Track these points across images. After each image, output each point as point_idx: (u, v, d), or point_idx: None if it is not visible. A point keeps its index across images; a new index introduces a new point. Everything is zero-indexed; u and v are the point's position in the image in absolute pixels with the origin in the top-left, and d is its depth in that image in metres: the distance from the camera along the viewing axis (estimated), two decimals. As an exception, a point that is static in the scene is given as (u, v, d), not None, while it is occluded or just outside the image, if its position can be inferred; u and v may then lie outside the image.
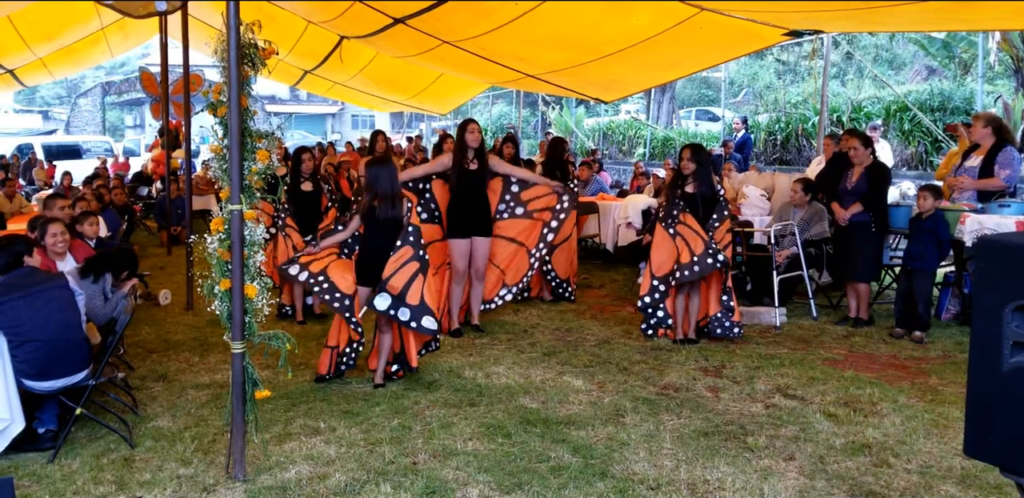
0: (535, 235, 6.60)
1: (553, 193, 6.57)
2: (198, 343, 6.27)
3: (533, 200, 6.59)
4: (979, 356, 2.51)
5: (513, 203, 6.58)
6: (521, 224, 6.59)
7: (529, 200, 6.59)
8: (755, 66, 29.65)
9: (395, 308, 5.01)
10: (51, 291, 4.22)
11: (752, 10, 6.16)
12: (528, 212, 6.59)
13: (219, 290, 3.71)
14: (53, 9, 10.50)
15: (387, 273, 5.01)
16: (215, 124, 3.76)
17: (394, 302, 5.01)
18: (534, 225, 6.60)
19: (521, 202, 6.58)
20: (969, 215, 6.29)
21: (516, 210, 6.57)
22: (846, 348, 6.12)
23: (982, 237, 2.79)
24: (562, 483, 3.71)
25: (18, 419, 4.00)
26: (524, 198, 6.59)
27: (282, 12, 9.96)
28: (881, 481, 3.75)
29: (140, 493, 3.65)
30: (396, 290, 5.00)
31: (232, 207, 3.63)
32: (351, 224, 5.27)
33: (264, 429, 4.21)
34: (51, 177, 18.31)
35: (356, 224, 5.26)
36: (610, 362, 5.71)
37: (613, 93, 10.19)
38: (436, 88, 13.72)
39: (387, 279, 5.00)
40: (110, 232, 8.29)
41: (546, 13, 6.72)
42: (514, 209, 6.57)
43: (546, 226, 6.55)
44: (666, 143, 21.03)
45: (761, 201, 8.56)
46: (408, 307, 5.00)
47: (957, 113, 14.67)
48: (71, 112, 36.01)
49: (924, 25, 8.16)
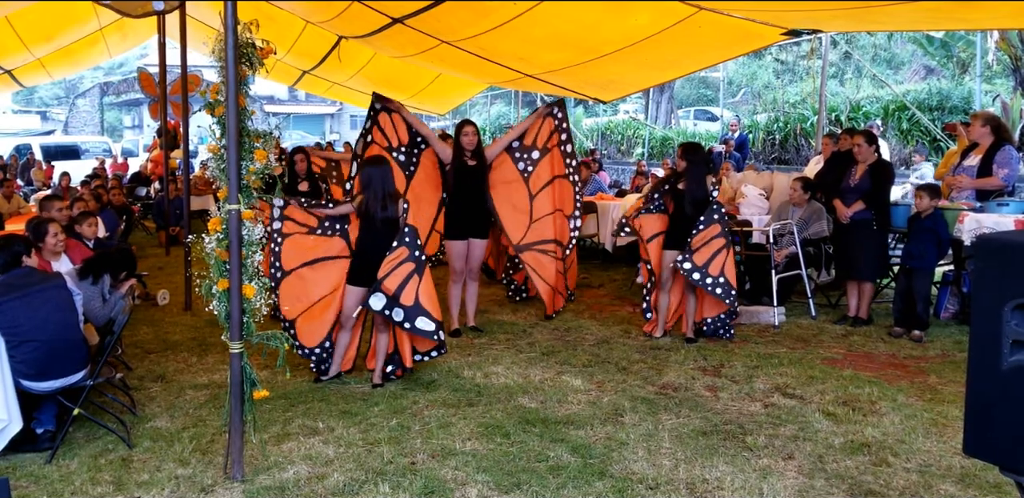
0: (560, 163, 6.80)
1: (539, 116, 6.79)
2: (196, 343, 6.26)
3: (534, 136, 6.76)
4: (978, 355, 2.51)
5: (525, 153, 6.71)
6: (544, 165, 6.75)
7: (532, 139, 6.75)
8: (753, 66, 29.67)
9: (389, 308, 5.00)
10: (49, 291, 4.21)
11: (750, 9, 6.15)
12: (543, 148, 6.76)
13: (217, 290, 3.70)
14: (51, 10, 10.49)
15: (382, 273, 4.99)
16: (213, 124, 3.75)
17: (388, 302, 4.99)
18: (554, 156, 6.78)
19: (528, 147, 6.73)
20: (968, 214, 6.29)
21: (533, 155, 6.72)
22: (845, 347, 6.12)
23: (981, 236, 2.78)
24: (561, 483, 3.71)
25: (16, 419, 3.99)
26: (527, 142, 6.74)
27: (280, 12, 9.95)
28: (880, 480, 3.75)
29: (138, 493, 3.64)
30: (391, 291, 4.98)
31: (230, 207, 3.63)
32: (341, 207, 5.29)
33: (262, 429, 4.20)
34: (49, 178, 18.30)
35: (346, 209, 5.27)
36: (609, 362, 5.71)
37: (612, 93, 10.17)
38: (435, 88, 13.71)
39: (382, 279, 4.98)
40: (108, 232, 8.28)
41: (545, 13, 6.71)
42: (531, 155, 6.72)
43: (562, 148, 6.76)
44: (665, 143, 21.03)
45: (760, 200, 8.56)
46: (402, 308, 4.98)
47: (955, 112, 14.68)
48: (69, 112, 35.94)
49: (922, 24, 8.17)
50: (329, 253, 5.34)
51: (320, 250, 5.33)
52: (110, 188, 12.35)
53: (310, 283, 5.31)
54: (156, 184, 14.37)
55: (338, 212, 5.32)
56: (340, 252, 5.36)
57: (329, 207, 5.33)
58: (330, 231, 5.35)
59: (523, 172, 6.69)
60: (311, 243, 5.32)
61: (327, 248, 5.35)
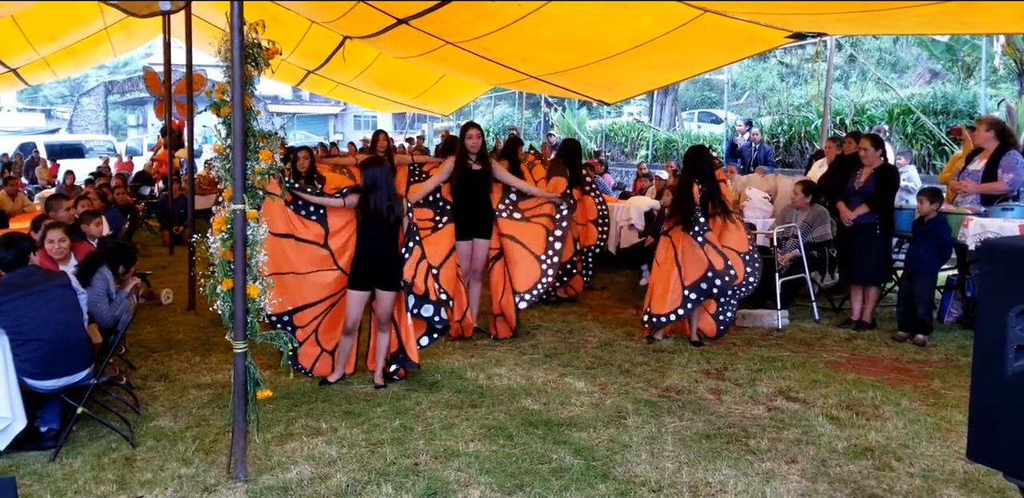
0: (540, 241, 6.37)
1: (550, 203, 6.47)
2: (200, 343, 6.27)
3: (531, 209, 6.51)
4: (982, 360, 2.51)
5: (512, 208, 6.52)
6: (522, 227, 6.46)
7: (527, 209, 6.51)
8: (758, 68, 29.64)
9: (418, 307, 5.25)
10: (53, 290, 4.22)
11: (755, 12, 6.15)
12: (526, 218, 6.49)
13: (221, 290, 3.71)
14: (57, 9, 10.51)
15: (408, 276, 5.19)
16: (218, 124, 3.76)
17: (417, 301, 5.24)
18: (536, 229, 6.42)
19: (519, 209, 6.51)
20: (972, 218, 6.28)
21: (514, 214, 6.50)
22: (848, 351, 6.11)
23: (986, 241, 2.78)
24: (564, 485, 3.70)
25: (20, 418, 4.00)
26: (522, 207, 6.50)
27: (285, 12, 9.97)
28: (883, 485, 3.74)
29: (141, 493, 3.65)
30: (421, 290, 5.23)
31: (235, 207, 3.63)
32: (347, 198, 5.15)
33: (266, 429, 4.21)
34: (54, 176, 18.32)
35: (351, 201, 5.13)
36: (612, 364, 5.71)
37: (616, 95, 10.18)
38: (439, 89, 13.72)
39: (410, 283, 5.20)
40: (112, 231, 8.29)
41: (549, 14, 6.71)
42: (512, 213, 6.50)
43: (550, 234, 6.36)
44: (668, 145, 21.02)
45: (764, 203, 8.55)
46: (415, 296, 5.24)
47: (960, 116, 14.65)
48: (74, 111, 36.04)
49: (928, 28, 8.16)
50: (306, 236, 5.22)
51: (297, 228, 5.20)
52: (114, 187, 12.36)
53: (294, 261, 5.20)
54: (160, 183, 14.39)
55: (335, 203, 5.19)
56: (316, 238, 5.23)
57: (335, 197, 5.19)
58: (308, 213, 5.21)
59: (499, 210, 6.42)
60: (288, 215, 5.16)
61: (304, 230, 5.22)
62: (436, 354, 5.84)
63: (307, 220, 5.22)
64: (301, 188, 5.32)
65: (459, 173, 6.25)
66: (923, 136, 14.83)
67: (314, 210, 5.24)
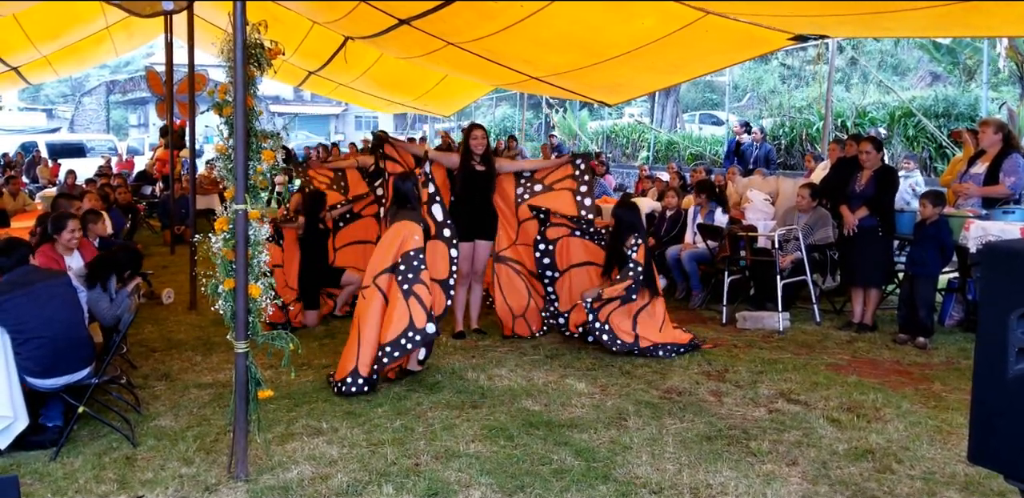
0: (570, 204, 6.50)
1: (560, 162, 6.63)
2: (201, 342, 6.27)
3: (545, 173, 6.63)
4: (984, 362, 2.51)
5: (530, 183, 6.60)
6: (548, 197, 6.52)
7: (543, 175, 6.63)
8: (759, 70, 29.65)
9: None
10: (54, 289, 4.22)
11: (757, 14, 6.15)
12: (548, 186, 6.59)
13: (223, 289, 3.71)
14: (58, 8, 10.51)
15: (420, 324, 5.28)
16: (221, 124, 3.76)
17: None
18: (563, 195, 6.51)
19: (535, 180, 6.61)
20: (973, 221, 6.28)
21: (535, 187, 6.58)
22: (849, 353, 6.11)
23: (988, 244, 2.78)
24: (564, 486, 3.71)
25: (21, 417, 4.01)
26: (538, 178, 6.63)
27: (287, 12, 9.97)
28: (884, 487, 3.74)
29: (142, 492, 3.65)
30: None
31: (237, 207, 3.63)
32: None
33: (266, 429, 4.22)
34: (55, 175, 18.34)
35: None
36: (612, 365, 5.71)
37: (617, 96, 10.18)
38: (440, 90, 13.72)
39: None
40: (114, 231, 8.30)
41: (551, 15, 6.71)
42: (533, 187, 6.57)
43: (576, 193, 6.50)
44: (670, 147, 21.02)
45: (765, 205, 8.55)
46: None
47: (962, 119, 14.64)
48: (75, 110, 36.05)
49: (930, 31, 8.16)
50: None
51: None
52: (116, 186, 12.37)
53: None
54: (161, 183, 14.40)
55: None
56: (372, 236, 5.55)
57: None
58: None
59: (518, 197, 6.56)
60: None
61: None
62: (437, 355, 5.84)
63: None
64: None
65: (463, 174, 6.25)
66: (924, 139, 14.83)
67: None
